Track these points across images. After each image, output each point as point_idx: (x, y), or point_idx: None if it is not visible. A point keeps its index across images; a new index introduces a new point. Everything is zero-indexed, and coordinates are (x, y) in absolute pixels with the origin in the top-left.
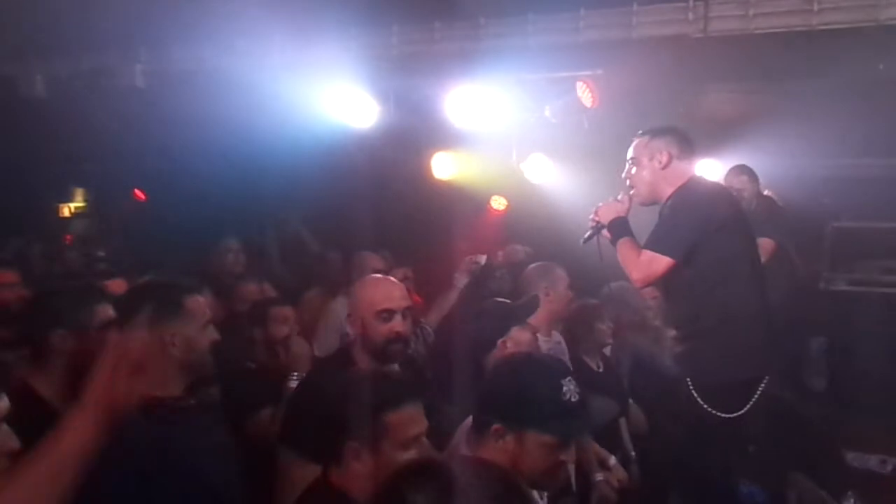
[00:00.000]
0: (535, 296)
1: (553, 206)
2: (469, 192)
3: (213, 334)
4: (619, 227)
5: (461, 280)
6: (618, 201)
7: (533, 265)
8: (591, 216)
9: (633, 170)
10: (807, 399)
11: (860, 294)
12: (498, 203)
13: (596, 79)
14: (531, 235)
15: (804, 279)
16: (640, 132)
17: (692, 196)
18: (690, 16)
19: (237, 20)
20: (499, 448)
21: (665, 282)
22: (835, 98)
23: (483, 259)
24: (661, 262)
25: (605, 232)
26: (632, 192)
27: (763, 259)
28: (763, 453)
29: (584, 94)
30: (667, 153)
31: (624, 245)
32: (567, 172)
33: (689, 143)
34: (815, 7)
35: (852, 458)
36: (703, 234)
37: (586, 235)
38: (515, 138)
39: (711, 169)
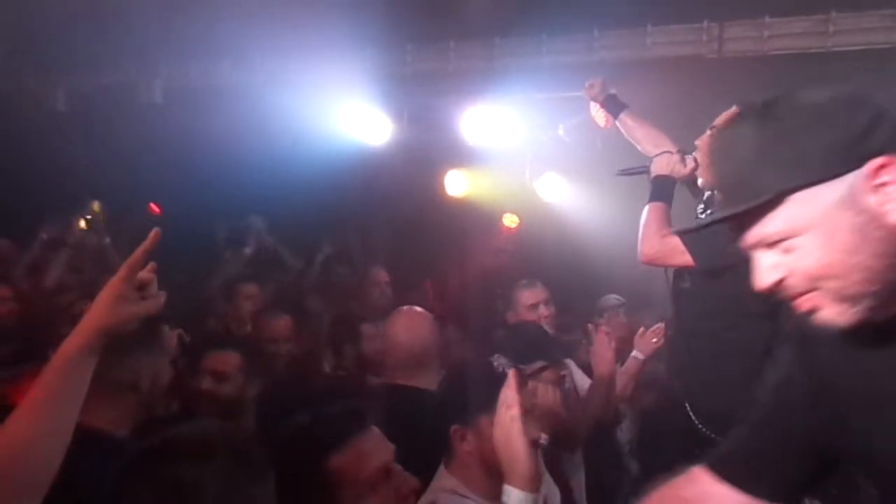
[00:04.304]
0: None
1: (565, 225)
2: (481, 209)
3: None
4: (661, 189)
5: None
6: (681, 161)
7: (516, 284)
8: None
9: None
10: None
11: None
12: (510, 221)
13: None
14: (543, 254)
15: None
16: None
17: None
18: (705, 37)
19: (255, 38)
20: (466, 451)
21: (682, 303)
22: None
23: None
24: (681, 258)
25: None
26: (700, 166)
27: None
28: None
29: (598, 114)
30: None
31: (654, 211)
32: (580, 191)
33: None
34: (830, 29)
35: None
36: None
37: (625, 169)
38: (529, 157)
39: None
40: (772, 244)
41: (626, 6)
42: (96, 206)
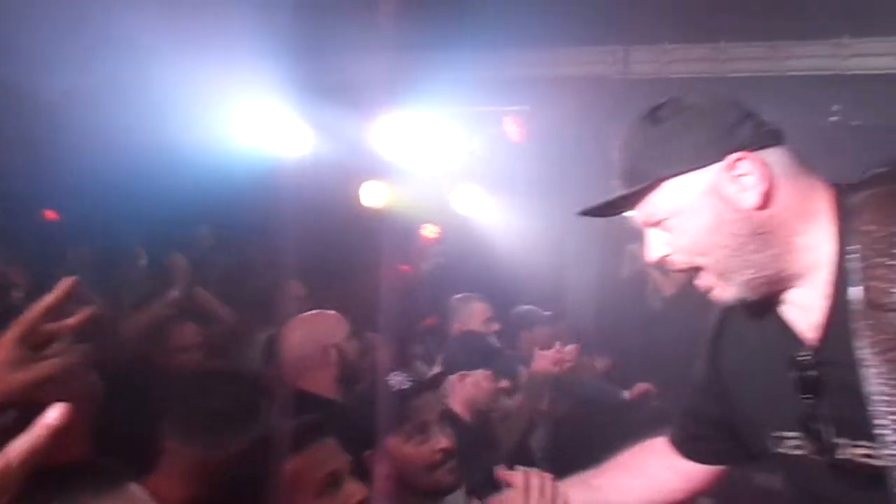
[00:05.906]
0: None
1: (482, 236)
2: (399, 220)
3: None
4: None
5: None
6: None
7: (456, 297)
8: None
9: None
10: None
11: None
12: (429, 231)
13: (522, 114)
14: (462, 262)
15: None
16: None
17: None
18: (611, 59)
19: (165, 41)
20: (384, 476)
21: None
22: None
23: None
24: None
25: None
26: None
27: None
28: None
29: (511, 129)
30: None
31: None
32: (496, 203)
33: None
34: (721, 57)
35: None
36: None
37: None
38: (445, 169)
39: None
40: (655, 223)
41: (540, 26)
42: None
